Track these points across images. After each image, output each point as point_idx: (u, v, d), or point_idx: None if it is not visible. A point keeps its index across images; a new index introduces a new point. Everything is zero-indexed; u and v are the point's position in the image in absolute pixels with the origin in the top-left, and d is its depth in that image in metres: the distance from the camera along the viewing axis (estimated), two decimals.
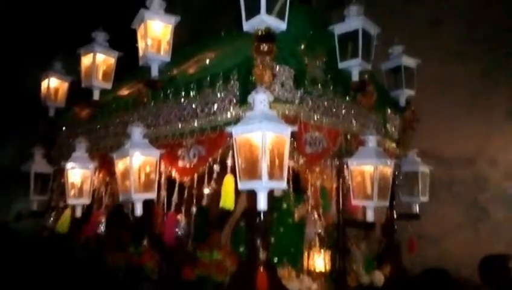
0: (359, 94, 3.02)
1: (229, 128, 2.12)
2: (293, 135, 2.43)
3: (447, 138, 3.63)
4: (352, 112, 3.04)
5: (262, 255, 2.13)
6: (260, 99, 2.11)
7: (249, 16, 2.29)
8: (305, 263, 3.08)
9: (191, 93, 2.69)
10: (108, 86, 3.43)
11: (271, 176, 2.02)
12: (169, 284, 2.79)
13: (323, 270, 3.05)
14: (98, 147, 3.46)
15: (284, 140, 2.10)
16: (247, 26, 2.33)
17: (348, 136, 3.02)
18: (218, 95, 2.52)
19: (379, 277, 3.23)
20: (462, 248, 3.97)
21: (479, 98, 4.89)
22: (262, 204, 2.04)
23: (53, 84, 4.13)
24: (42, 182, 3.92)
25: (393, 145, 3.57)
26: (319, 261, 3.06)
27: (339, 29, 3.00)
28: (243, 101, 2.37)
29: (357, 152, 2.88)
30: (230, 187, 2.33)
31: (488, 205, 4.82)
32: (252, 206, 2.16)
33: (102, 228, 3.34)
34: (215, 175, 2.47)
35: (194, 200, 2.60)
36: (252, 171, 2.04)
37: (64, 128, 4.04)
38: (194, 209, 2.59)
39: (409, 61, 3.80)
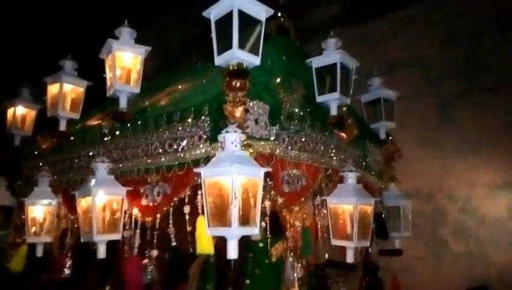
0: (337, 129, 2.92)
1: (197, 169, 1.97)
2: (269, 175, 2.30)
3: (407, 173, 3.73)
4: (332, 146, 2.93)
5: None
6: (231, 139, 1.97)
7: (221, 50, 2.17)
8: None
9: (160, 128, 2.54)
10: (75, 116, 3.26)
11: (242, 222, 1.87)
12: None
13: None
14: (62, 181, 3.25)
15: (257, 183, 1.96)
16: (219, 60, 2.20)
17: (329, 172, 2.90)
18: (188, 130, 2.36)
19: None
20: (423, 281, 4.00)
21: (433, 136, 5.24)
22: (232, 253, 1.88)
23: (20, 112, 3.94)
24: (4, 215, 3.68)
25: (375, 179, 3.47)
26: None
27: (316, 62, 2.92)
28: (213, 138, 2.22)
29: (336, 190, 2.75)
30: (205, 229, 2.17)
31: (448, 238, 5.02)
32: (222, 251, 1.99)
33: (67, 271, 3.09)
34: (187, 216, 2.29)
35: (155, 243, 2.42)
36: (222, 217, 1.89)
37: (29, 158, 3.82)
38: (154, 252, 2.41)
39: (389, 93, 3.74)
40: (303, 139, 2.67)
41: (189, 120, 2.37)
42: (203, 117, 2.31)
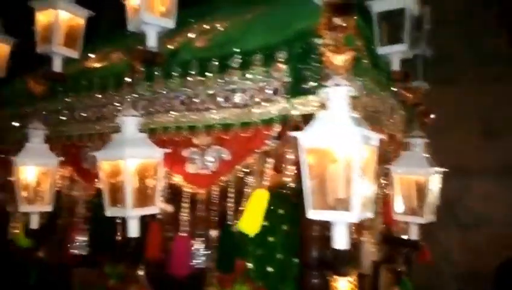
0: (401, 86, 2.52)
1: (293, 133, 1.49)
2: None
3: None
4: (392, 107, 2.54)
5: None
6: (340, 93, 1.49)
7: None
8: None
9: (207, 75, 2.00)
10: (74, 54, 2.59)
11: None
12: None
13: None
14: (58, 135, 2.63)
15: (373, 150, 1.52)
16: None
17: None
18: (255, 80, 1.86)
19: None
20: None
21: None
22: None
23: None
24: None
25: None
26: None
27: (378, 5, 2.47)
28: (294, 92, 1.74)
29: (401, 158, 2.39)
30: (260, 207, 1.74)
31: None
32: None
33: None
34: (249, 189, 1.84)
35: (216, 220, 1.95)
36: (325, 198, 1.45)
37: (4, 105, 3.10)
38: (213, 233, 1.94)
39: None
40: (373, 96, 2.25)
41: (255, 67, 1.85)
42: (277, 64, 1.80)
